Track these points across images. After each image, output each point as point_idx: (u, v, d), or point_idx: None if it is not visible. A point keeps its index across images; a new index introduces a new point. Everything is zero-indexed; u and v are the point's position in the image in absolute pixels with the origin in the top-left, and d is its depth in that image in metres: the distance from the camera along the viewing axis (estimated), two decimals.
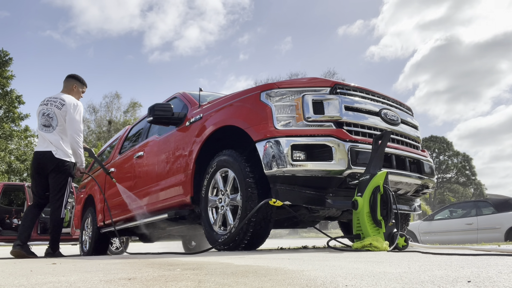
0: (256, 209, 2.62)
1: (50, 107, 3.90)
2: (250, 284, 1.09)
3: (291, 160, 2.58)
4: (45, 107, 3.92)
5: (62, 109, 3.88)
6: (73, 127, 3.87)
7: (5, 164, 21.48)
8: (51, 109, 3.89)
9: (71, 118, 3.86)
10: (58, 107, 3.89)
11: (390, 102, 3.21)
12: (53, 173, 3.84)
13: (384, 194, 2.52)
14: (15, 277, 1.42)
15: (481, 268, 1.30)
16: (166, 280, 1.21)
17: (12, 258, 3.64)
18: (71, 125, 3.86)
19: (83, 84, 4.21)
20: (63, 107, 3.88)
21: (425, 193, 3.38)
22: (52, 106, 3.90)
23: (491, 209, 8.90)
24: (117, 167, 5.09)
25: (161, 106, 3.71)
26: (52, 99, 3.97)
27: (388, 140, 2.69)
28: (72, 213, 8.94)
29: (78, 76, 4.20)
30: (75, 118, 3.88)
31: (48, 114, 3.87)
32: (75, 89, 4.13)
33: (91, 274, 1.44)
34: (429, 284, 1.01)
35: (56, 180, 3.86)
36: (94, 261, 2.35)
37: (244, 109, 2.97)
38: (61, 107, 3.88)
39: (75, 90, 4.13)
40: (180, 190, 3.50)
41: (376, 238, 2.42)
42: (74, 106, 3.92)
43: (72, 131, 3.87)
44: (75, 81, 4.16)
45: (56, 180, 3.86)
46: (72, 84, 4.13)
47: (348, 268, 1.39)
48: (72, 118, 3.86)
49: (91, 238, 5.54)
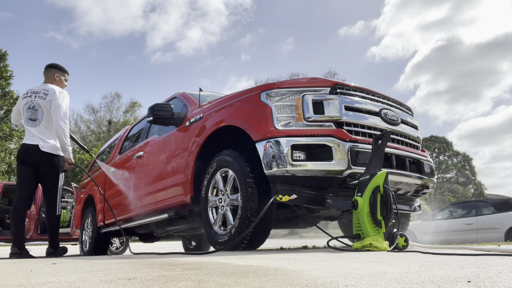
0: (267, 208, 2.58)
1: (35, 99, 3.72)
2: (250, 284, 1.09)
3: (291, 160, 2.58)
4: (29, 99, 3.73)
5: (46, 98, 3.71)
6: (58, 113, 3.67)
7: (5, 164, 21.49)
8: (36, 100, 3.71)
9: (56, 105, 3.68)
10: (42, 98, 3.71)
11: (390, 102, 3.21)
12: (44, 170, 3.73)
13: (384, 194, 2.52)
14: (15, 277, 1.42)
15: (481, 268, 1.30)
16: (166, 280, 1.21)
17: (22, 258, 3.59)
18: (56, 111, 3.67)
19: (64, 72, 4.04)
20: (47, 96, 3.71)
21: (425, 193, 3.38)
22: (36, 97, 3.72)
23: (491, 209, 8.91)
24: (117, 167, 5.08)
25: (161, 106, 3.71)
26: (36, 90, 3.79)
27: (388, 140, 2.69)
28: (72, 213, 8.95)
29: (57, 64, 4.03)
30: (60, 104, 3.70)
31: (33, 106, 3.70)
32: (57, 78, 3.96)
33: (91, 274, 1.44)
34: (429, 284, 1.01)
35: (47, 178, 3.77)
36: (94, 261, 2.35)
37: (244, 109, 2.97)
38: (45, 97, 3.72)
39: (58, 80, 3.96)
40: (180, 190, 3.50)
41: (376, 238, 2.42)
42: (59, 93, 3.76)
43: (57, 117, 3.68)
44: (55, 70, 3.98)
45: (47, 177, 3.77)
46: (52, 74, 3.96)
47: (348, 268, 1.39)
48: (56, 105, 3.68)
49: (91, 238, 5.55)
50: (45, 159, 3.70)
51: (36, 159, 3.69)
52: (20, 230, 3.70)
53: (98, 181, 5.69)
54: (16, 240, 3.65)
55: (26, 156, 3.70)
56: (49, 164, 3.73)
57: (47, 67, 4.00)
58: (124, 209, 4.64)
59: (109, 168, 5.09)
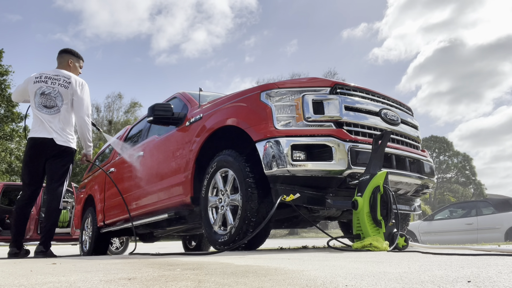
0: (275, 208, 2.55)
1: (53, 85, 3.45)
2: (250, 284, 1.09)
3: (291, 160, 2.58)
4: (44, 85, 3.46)
5: (68, 88, 3.47)
6: (83, 109, 3.48)
7: (5, 164, 21.50)
8: (55, 88, 3.45)
9: (80, 99, 3.47)
10: (64, 86, 3.46)
11: (390, 102, 3.21)
12: (53, 159, 3.47)
13: (384, 194, 2.52)
14: (15, 277, 1.42)
15: (481, 268, 1.30)
16: (166, 280, 1.21)
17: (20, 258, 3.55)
18: (81, 107, 3.47)
19: (78, 58, 3.79)
20: (69, 85, 3.47)
21: (425, 193, 3.38)
22: (55, 84, 3.46)
23: (491, 209, 8.91)
24: (117, 167, 5.09)
25: (161, 106, 3.71)
26: (52, 76, 3.52)
27: (388, 140, 2.69)
28: (72, 213, 8.95)
29: (71, 49, 3.78)
30: (84, 98, 3.50)
31: (50, 93, 3.43)
32: (71, 64, 3.71)
33: (91, 274, 1.44)
34: (429, 284, 1.01)
35: (56, 167, 3.50)
36: (94, 261, 2.35)
37: (244, 109, 2.97)
38: (67, 85, 3.47)
39: (72, 66, 3.71)
40: (180, 190, 3.50)
41: (376, 238, 2.42)
42: (81, 85, 3.55)
43: (82, 113, 3.49)
44: (69, 55, 3.72)
45: (56, 167, 3.49)
46: (67, 59, 3.70)
47: (348, 268, 1.39)
48: (80, 99, 3.47)
49: (91, 238, 5.55)
50: (59, 152, 3.48)
51: (49, 152, 3.45)
52: (21, 230, 3.55)
53: (98, 181, 5.69)
54: (16, 240, 3.53)
55: (39, 150, 3.44)
56: (62, 156, 3.50)
57: (61, 52, 3.75)
58: (124, 209, 4.64)
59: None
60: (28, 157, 3.51)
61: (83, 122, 3.52)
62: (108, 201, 5.18)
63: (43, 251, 3.49)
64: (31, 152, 3.47)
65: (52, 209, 3.53)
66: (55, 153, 3.48)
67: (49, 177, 3.56)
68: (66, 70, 3.66)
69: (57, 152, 3.48)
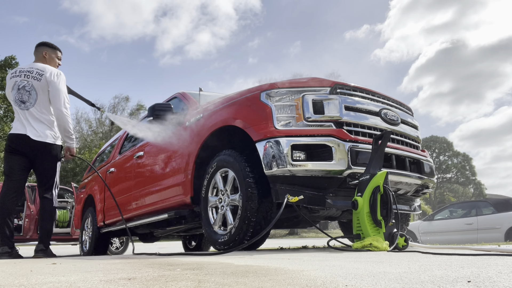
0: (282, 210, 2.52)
1: (27, 79, 3.35)
2: (250, 284, 1.09)
3: (291, 160, 2.58)
4: (19, 79, 3.36)
5: (41, 80, 3.35)
6: (59, 98, 3.34)
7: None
8: (28, 81, 3.35)
9: (56, 89, 3.33)
10: (36, 78, 3.35)
11: (390, 102, 3.21)
12: (38, 162, 3.41)
13: (384, 194, 2.52)
14: (15, 277, 1.42)
15: (481, 268, 1.30)
16: (166, 280, 1.21)
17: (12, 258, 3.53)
18: (57, 97, 3.34)
19: (54, 49, 3.63)
20: (42, 77, 3.35)
21: (425, 193, 3.38)
22: (29, 78, 3.35)
23: (491, 209, 8.91)
24: (117, 167, 5.09)
25: (161, 106, 3.71)
26: (26, 70, 3.41)
27: (388, 140, 2.69)
28: (72, 213, 8.95)
29: (46, 42, 3.66)
30: (59, 88, 3.36)
31: (24, 87, 3.33)
32: (46, 55, 3.56)
33: (91, 274, 1.44)
34: (429, 284, 1.01)
35: (43, 169, 3.44)
36: (94, 261, 2.35)
37: (244, 109, 2.97)
38: (40, 77, 3.35)
39: (48, 57, 3.56)
40: (180, 190, 3.50)
41: (376, 238, 2.42)
42: (57, 75, 3.41)
43: (58, 104, 3.35)
44: (44, 47, 3.58)
45: (43, 168, 3.44)
46: (41, 52, 3.56)
47: (348, 268, 1.39)
48: (56, 89, 3.33)
49: (91, 238, 5.55)
50: (38, 149, 3.34)
51: (27, 149, 3.34)
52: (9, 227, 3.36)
53: (98, 181, 5.69)
54: (5, 238, 3.33)
55: (17, 145, 3.35)
56: (44, 154, 3.38)
57: (36, 45, 3.61)
58: (124, 209, 4.64)
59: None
60: (8, 150, 3.43)
61: (60, 113, 3.37)
62: (108, 201, 5.18)
63: (43, 249, 3.46)
64: (12, 146, 3.39)
65: (46, 209, 3.51)
66: (35, 152, 3.37)
67: (38, 181, 3.53)
68: (41, 62, 3.54)
69: (37, 149, 3.36)
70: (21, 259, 3.24)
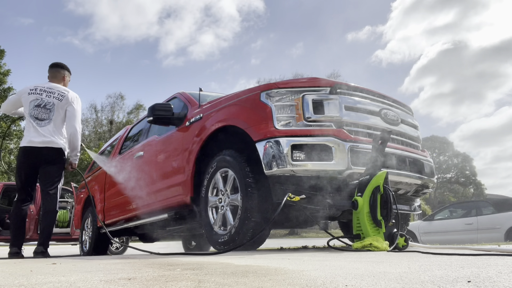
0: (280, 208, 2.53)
1: (47, 98, 3.66)
2: (250, 284, 1.09)
3: (291, 160, 2.58)
4: (39, 96, 3.67)
5: (63, 101, 3.69)
6: (76, 119, 3.73)
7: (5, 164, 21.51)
8: (49, 100, 3.66)
9: (74, 110, 3.72)
10: (58, 99, 3.68)
11: (390, 102, 3.21)
12: (46, 165, 3.64)
13: (384, 194, 2.52)
14: (15, 277, 1.42)
15: (481, 268, 1.30)
16: (166, 280, 1.21)
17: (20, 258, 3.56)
18: (74, 118, 3.71)
19: (70, 73, 4.02)
20: (63, 98, 3.70)
21: (425, 193, 3.38)
22: (50, 97, 3.67)
23: (491, 209, 8.91)
24: (117, 168, 5.08)
25: (161, 106, 3.71)
26: (47, 89, 3.72)
27: (388, 140, 2.69)
28: (72, 213, 8.95)
29: (64, 64, 3.98)
30: (77, 110, 3.76)
31: (45, 105, 3.64)
32: (65, 79, 3.93)
33: (91, 274, 1.44)
34: (429, 284, 1.01)
35: (50, 172, 3.66)
36: (94, 261, 2.35)
37: (244, 109, 2.97)
38: (62, 98, 3.70)
39: (66, 80, 3.93)
40: (180, 190, 3.50)
41: (376, 238, 2.42)
42: (76, 99, 3.78)
43: (74, 122, 3.72)
44: (64, 70, 3.93)
45: (50, 171, 3.66)
46: (62, 74, 3.92)
47: (348, 268, 1.39)
48: (75, 110, 3.72)
49: (91, 238, 5.55)
50: (50, 156, 3.62)
51: (40, 158, 3.61)
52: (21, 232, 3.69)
53: (98, 181, 5.69)
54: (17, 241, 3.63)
55: (31, 157, 3.61)
56: (54, 161, 3.65)
57: (55, 66, 3.92)
58: (124, 209, 4.64)
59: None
60: (20, 163, 3.69)
61: (74, 130, 3.73)
62: (108, 201, 5.18)
63: (43, 251, 3.59)
64: (23, 160, 3.65)
65: (48, 211, 3.67)
66: (47, 158, 3.63)
67: (43, 181, 3.69)
68: (60, 83, 3.88)
69: (49, 156, 3.63)
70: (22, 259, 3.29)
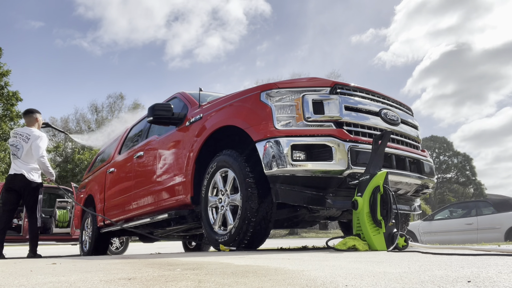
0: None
1: (19, 139, 4.82)
2: (250, 284, 1.09)
3: (291, 160, 2.58)
4: (15, 139, 4.84)
5: (28, 142, 4.79)
6: (38, 152, 4.76)
7: (5, 164, 21.47)
8: (19, 141, 4.81)
9: (36, 145, 4.77)
10: (24, 140, 4.82)
11: (390, 102, 3.20)
12: (26, 195, 4.74)
13: (384, 194, 2.52)
14: (15, 277, 1.42)
15: (481, 268, 1.30)
16: (166, 280, 1.21)
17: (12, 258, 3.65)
18: (37, 152, 4.76)
19: (40, 114, 5.15)
20: (29, 140, 4.79)
21: (425, 193, 3.38)
22: (20, 139, 4.83)
23: (491, 209, 8.91)
24: (117, 167, 5.09)
25: (161, 106, 3.71)
26: (19, 133, 4.88)
27: (388, 140, 2.69)
28: (72, 213, 8.95)
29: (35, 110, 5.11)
30: (40, 146, 4.79)
31: (16, 145, 4.79)
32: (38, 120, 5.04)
33: (91, 274, 1.44)
34: (429, 284, 1.01)
35: (28, 200, 4.77)
36: (94, 261, 2.35)
37: (244, 109, 2.97)
38: (27, 140, 4.80)
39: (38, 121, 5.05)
40: (180, 190, 3.50)
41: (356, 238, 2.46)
42: (39, 138, 4.84)
43: (38, 155, 4.76)
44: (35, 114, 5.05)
45: (28, 200, 4.77)
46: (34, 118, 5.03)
47: (348, 268, 1.39)
48: (36, 146, 4.77)
49: (91, 238, 5.55)
50: (28, 185, 4.74)
51: (21, 185, 4.72)
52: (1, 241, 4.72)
53: (98, 181, 5.69)
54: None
55: (13, 184, 4.74)
56: (31, 189, 4.76)
57: (29, 112, 5.06)
58: (124, 209, 4.64)
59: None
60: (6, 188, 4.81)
61: (39, 162, 4.83)
62: (108, 201, 5.18)
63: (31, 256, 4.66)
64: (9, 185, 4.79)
65: (32, 227, 4.82)
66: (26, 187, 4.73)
67: (26, 206, 4.88)
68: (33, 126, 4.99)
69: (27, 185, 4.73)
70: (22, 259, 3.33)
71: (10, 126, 21.93)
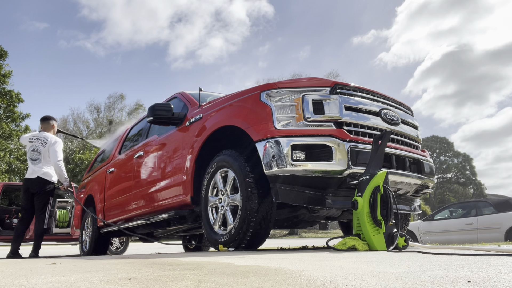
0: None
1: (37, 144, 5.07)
2: (250, 284, 1.09)
3: (291, 160, 2.58)
4: (33, 144, 5.09)
5: (45, 146, 5.06)
6: (56, 157, 5.05)
7: (5, 164, 21.47)
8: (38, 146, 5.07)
9: (53, 150, 5.05)
10: (42, 145, 5.08)
11: (390, 102, 3.20)
12: (37, 194, 4.95)
13: (384, 194, 2.52)
14: (15, 277, 1.42)
15: (481, 268, 1.30)
16: (166, 280, 1.21)
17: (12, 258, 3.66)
18: (55, 157, 5.03)
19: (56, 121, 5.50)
20: (46, 145, 5.06)
21: (425, 193, 3.38)
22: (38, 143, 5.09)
23: (491, 209, 8.91)
24: (117, 167, 5.09)
25: (161, 106, 3.71)
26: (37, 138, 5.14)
27: (388, 140, 2.69)
28: (72, 213, 8.95)
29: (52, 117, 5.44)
30: (57, 151, 5.08)
31: (37, 150, 5.05)
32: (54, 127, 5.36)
33: (91, 274, 1.44)
34: (429, 284, 1.01)
35: (40, 200, 4.95)
36: (94, 261, 2.35)
37: (244, 109, 2.97)
38: (45, 144, 5.07)
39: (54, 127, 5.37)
40: (180, 190, 3.50)
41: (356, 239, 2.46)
42: (56, 143, 5.13)
43: (55, 159, 5.04)
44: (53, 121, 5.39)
45: (40, 200, 4.95)
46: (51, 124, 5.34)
47: (348, 268, 1.39)
48: (54, 151, 5.05)
49: (91, 238, 5.55)
50: (41, 184, 4.94)
51: (35, 187, 4.95)
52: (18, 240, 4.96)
53: (98, 181, 5.69)
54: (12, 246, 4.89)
55: (29, 187, 4.97)
56: (43, 187, 4.96)
57: (46, 119, 5.34)
58: (124, 209, 4.64)
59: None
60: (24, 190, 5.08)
61: (56, 166, 5.08)
62: (108, 201, 5.18)
63: (33, 256, 4.76)
64: (25, 187, 5.03)
65: (38, 228, 4.95)
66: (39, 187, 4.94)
67: (36, 207, 5.02)
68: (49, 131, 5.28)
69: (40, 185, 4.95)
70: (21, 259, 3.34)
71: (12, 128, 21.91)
